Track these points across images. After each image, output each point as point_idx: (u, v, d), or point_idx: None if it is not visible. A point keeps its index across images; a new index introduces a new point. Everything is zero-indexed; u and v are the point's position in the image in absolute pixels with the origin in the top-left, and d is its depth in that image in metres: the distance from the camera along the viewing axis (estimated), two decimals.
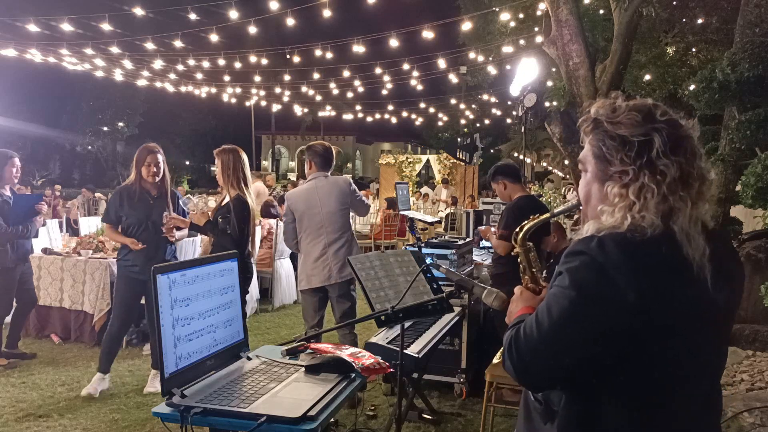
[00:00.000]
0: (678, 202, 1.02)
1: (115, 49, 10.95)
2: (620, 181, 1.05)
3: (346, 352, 1.75)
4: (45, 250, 4.93)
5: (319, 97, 19.08)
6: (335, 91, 16.90)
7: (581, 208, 1.19)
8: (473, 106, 21.77)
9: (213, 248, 3.44)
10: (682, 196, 1.03)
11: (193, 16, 9.73)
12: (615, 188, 1.05)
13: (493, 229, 3.89)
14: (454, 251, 3.81)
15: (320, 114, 25.18)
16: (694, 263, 1.01)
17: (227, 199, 3.38)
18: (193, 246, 4.95)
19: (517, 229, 1.31)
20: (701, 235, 1.03)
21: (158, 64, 13.10)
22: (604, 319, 0.98)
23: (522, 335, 1.05)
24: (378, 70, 13.34)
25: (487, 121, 23.67)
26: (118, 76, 14.64)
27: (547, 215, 1.31)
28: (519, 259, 1.30)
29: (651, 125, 1.05)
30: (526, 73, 7.01)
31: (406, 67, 12.94)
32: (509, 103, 16.62)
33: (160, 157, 3.60)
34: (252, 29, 9.32)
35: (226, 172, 3.35)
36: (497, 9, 8.98)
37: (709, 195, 1.06)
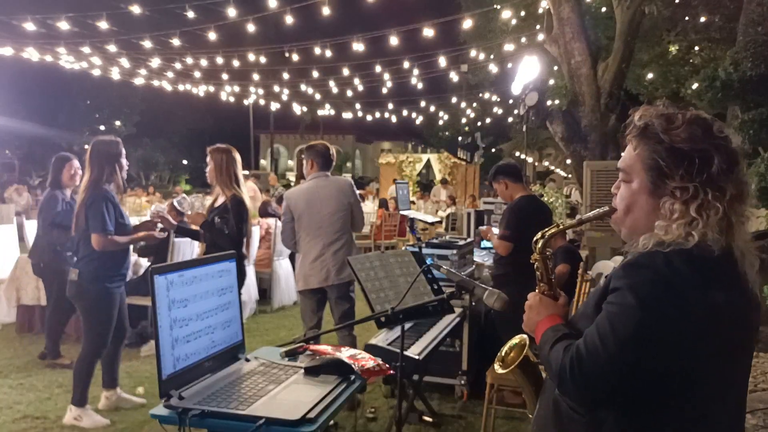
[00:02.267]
0: (735, 219, 1.03)
1: (112, 48, 10.91)
2: (680, 198, 1.03)
3: (345, 354, 1.73)
4: None
5: (318, 96, 19.05)
6: (335, 90, 16.88)
7: (613, 215, 1.17)
8: (474, 104, 21.74)
9: (208, 249, 3.34)
10: (738, 212, 1.03)
11: (191, 14, 9.69)
12: (676, 204, 1.03)
13: (494, 229, 3.86)
14: (454, 252, 3.78)
15: (319, 113, 25.15)
16: (749, 279, 1.02)
17: (222, 199, 3.33)
18: (191, 247, 4.91)
19: (539, 236, 1.28)
20: (755, 251, 1.04)
21: (156, 62, 13.06)
22: (671, 337, 0.98)
23: (585, 355, 1.01)
24: (378, 69, 13.31)
25: (488, 120, 23.63)
26: (115, 74, 14.59)
27: (573, 222, 1.28)
28: (536, 266, 1.28)
29: (711, 141, 1.04)
30: (527, 71, 6.99)
31: (406, 65, 12.92)
32: (511, 101, 16.58)
33: None
34: (250, 27, 9.29)
35: (219, 171, 3.29)
36: (498, 7, 8.97)
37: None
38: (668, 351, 0.98)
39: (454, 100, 20.97)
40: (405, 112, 22.93)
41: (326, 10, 8.19)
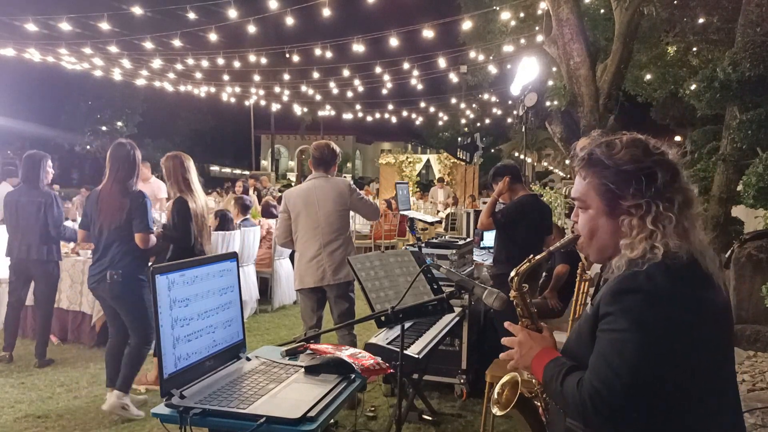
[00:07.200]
0: (688, 223, 1.10)
1: (113, 49, 10.92)
2: (636, 214, 1.11)
3: (345, 353, 1.74)
4: None
5: (318, 97, 19.06)
6: (335, 91, 16.87)
7: (578, 242, 1.24)
8: (474, 105, 21.75)
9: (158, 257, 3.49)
10: (689, 216, 1.11)
11: (192, 15, 9.70)
12: (633, 220, 1.11)
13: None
14: (454, 251, 3.80)
15: (320, 113, 25.13)
16: (713, 275, 1.09)
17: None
18: None
19: (513, 274, 1.32)
20: (710, 248, 1.11)
21: (157, 63, 13.07)
22: (674, 348, 1.03)
23: (602, 389, 1.03)
24: (378, 70, 13.31)
25: (487, 121, 23.64)
26: (117, 75, 14.61)
27: (543, 254, 1.34)
28: (515, 303, 1.31)
29: (651, 158, 1.12)
30: (526, 72, 7.00)
31: (406, 66, 12.92)
32: (510, 102, 16.60)
33: None
34: (251, 28, 9.30)
35: (168, 177, 3.48)
36: (498, 8, 8.98)
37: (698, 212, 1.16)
38: (675, 362, 1.02)
39: (453, 101, 20.98)
40: (405, 113, 22.93)
41: (326, 11, 8.20)
